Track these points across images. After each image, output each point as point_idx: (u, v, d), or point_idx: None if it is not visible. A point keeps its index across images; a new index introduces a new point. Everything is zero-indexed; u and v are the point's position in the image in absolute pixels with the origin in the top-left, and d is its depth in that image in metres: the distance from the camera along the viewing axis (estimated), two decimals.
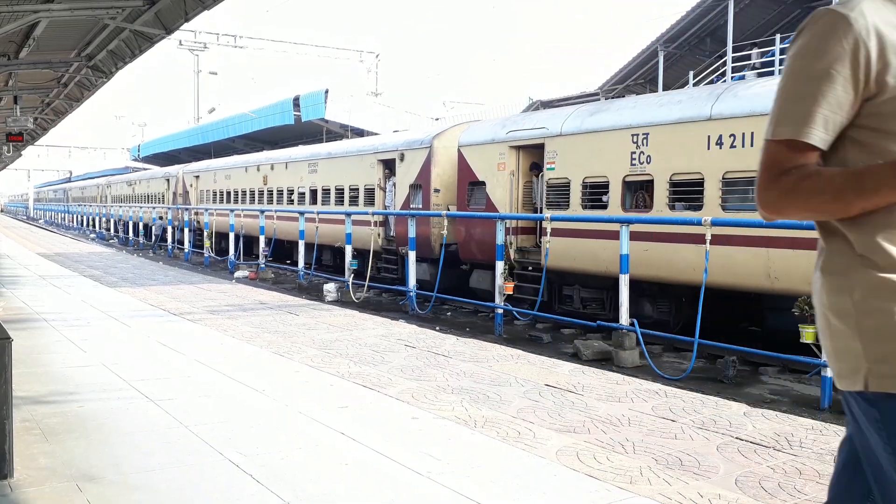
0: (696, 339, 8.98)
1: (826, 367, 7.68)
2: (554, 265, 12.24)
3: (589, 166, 12.10)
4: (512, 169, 13.82)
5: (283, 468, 4.37)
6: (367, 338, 8.89)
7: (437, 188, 16.01)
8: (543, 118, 13.64)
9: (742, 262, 9.80)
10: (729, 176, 10.01)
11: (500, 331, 12.01)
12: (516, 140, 13.77)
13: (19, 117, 18.76)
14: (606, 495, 4.03)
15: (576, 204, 12.25)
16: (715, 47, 24.68)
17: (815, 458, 4.68)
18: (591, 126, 12.16)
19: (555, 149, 12.70)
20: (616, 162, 11.53)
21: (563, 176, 12.52)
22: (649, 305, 11.51)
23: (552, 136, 12.82)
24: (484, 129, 14.94)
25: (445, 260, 14.58)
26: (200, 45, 45.55)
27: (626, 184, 11.45)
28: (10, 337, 4.21)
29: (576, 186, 12.27)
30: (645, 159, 11.12)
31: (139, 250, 31.43)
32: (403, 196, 16.97)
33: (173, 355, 7.74)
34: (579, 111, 12.88)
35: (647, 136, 11.08)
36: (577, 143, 12.34)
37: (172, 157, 51.67)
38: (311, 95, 34.19)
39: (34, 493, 3.94)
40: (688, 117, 10.62)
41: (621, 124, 11.57)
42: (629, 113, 11.62)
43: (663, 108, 11.09)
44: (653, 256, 10.81)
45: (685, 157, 10.57)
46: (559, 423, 5.38)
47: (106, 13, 11.89)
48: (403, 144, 17.28)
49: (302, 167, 22.41)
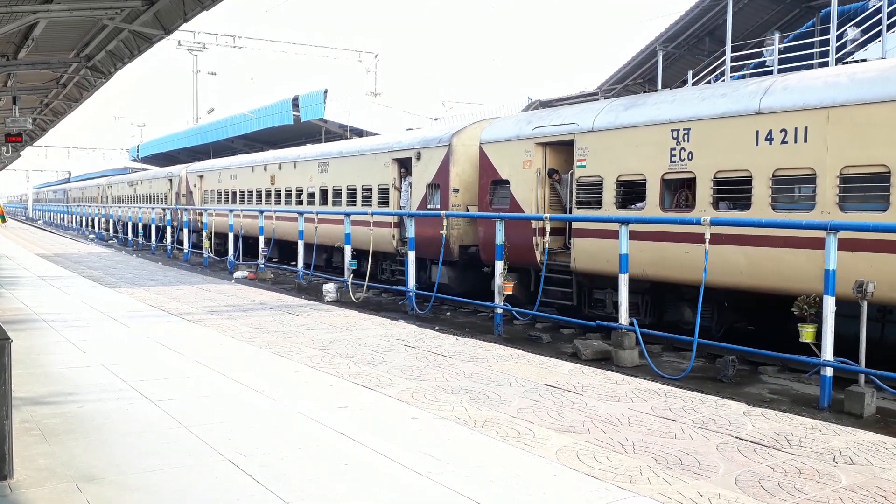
0: (695, 338, 8.98)
1: (825, 366, 7.68)
2: (584, 268, 11.71)
3: (624, 163, 11.39)
4: (538, 167, 13.15)
5: (283, 468, 4.36)
6: (367, 338, 8.89)
7: (455, 188, 15.37)
8: (573, 113, 12.89)
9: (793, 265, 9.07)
10: (780, 174, 9.37)
11: (500, 331, 12.00)
12: (543, 136, 13.03)
13: (18, 118, 18.75)
14: (606, 495, 4.03)
15: (609, 203, 11.54)
16: (714, 47, 24.67)
17: (815, 457, 4.68)
18: (626, 121, 11.47)
19: (586, 145, 12.02)
20: (654, 159, 10.87)
21: (595, 174, 11.83)
22: (689, 310, 10.84)
23: (583, 131, 12.12)
24: (508, 126, 14.26)
25: (465, 263, 14.05)
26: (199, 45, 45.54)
27: (665, 182, 10.79)
28: (10, 338, 4.20)
29: (609, 185, 11.58)
30: (686, 156, 10.49)
31: (138, 251, 31.42)
32: (420, 196, 16.28)
33: (173, 356, 7.74)
34: (612, 105, 12.20)
35: (689, 132, 10.47)
36: (611, 139, 11.65)
37: (171, 157, 51.68)
38: (310, 96, 34.19)
39: (34, 493, 3.94)
40: (734, 111, 10.00)
41: (660, 119, 10.91)
42: (668, 107, 10.97)
43: (706, 102, 10.49)
44: (695, 259, 10.07)
45: (731, 154, 9.95)
46: (559, 422, 5.38)
47: (105, 14, 11.88)
48: (420, 143, 16.59)
49: (311, 167, 21.67)
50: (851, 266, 8.30)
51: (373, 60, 46.12)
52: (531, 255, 12.82)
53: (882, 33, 18.71)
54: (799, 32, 23.93)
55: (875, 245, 8.46)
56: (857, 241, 8.48)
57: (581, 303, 12.43)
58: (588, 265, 11.82)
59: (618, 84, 26.91)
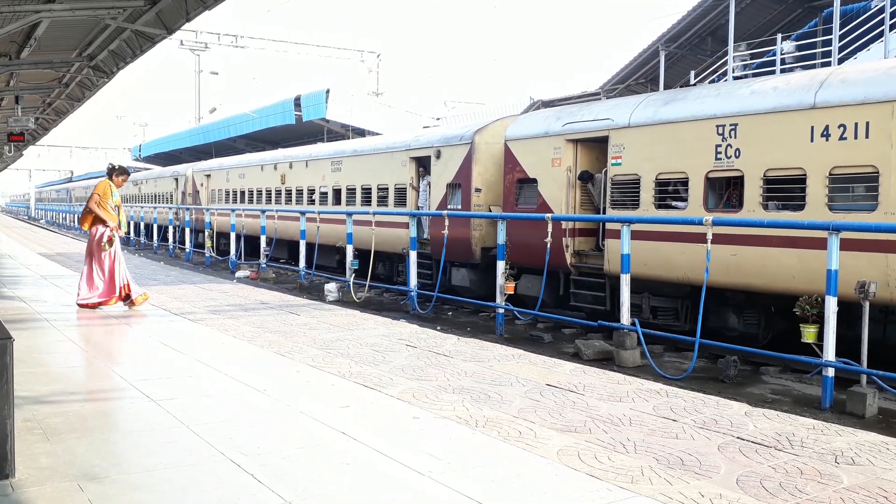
0: (697, 338, 8.97)
1: (827, 366, 7.68)
2: (616, 271, 11.08)
3: (664, 161, 10.91)
4: (569, 165, 12.63)
5: (285, 468, 4.37)
6: (369, 337, 8.90)
7: (478, 187, 14.86)
8: (606, 108, 12.41)
9: (851, 270, 8.47)
10: (837, 172, 8.91)
11: (502, 330, 12.00)
12: (574, 133, 12.51)
13: (21, 117, 18.80)
14: (608, 495, 4.03)
15: (647, 203, 11.08)
16: (716, 47, 24.67)
17: (817, 457, 4.68)
18: (666, 116, 10.99)
19: (621, 142, 11.54)
20: (697, 156, 10.43)
21: (632, 172, 11.36)
22: (734, 317, 10.47)
23: (619, 127, 11.63)
24: (535, 122, 13.75)
25: (487, 265, 13.78)
26: (201, 45, 45.57)
27: (709, 180, 10.34)
28: (12, 336, 4.21)
29: (647, 183, 11.11)
30: (733, 153, 9.98)
31: (140, 250, 31.45)
32: (440, 196, 15.78)
33: (174, 355, 7.74)
34: (650, 100, 11.71)
35: (736, 128, 9.97)
36: (650, 136, 11.15)
37: (174, 156, 51.73)
38: (312, 95, 34.21)
39: (35, 492, 3.95)
40: (786, 106, 9.51)
41: (704, 114, 10.43)
42: (713, 101, 10.49)
43: (755, 97, 10.00)
44: (742, 262, 9.74)
45: (783, 151, 9.48)
46: (560, 422, 5.38)
47: (107, 13, 11.90)
48: (440, 140, 16.07)
49: (324, 165, 21.11)
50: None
51: (375, 60, 46.14)
52: (560, 257, 12.38)
53: (885, 33, 18.69)
54: (801, 32, 23.92)
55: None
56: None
57: (615, 307, 11.78)
58: None
59: (620, 84, 26.90)
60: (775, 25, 23.89)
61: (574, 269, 12.47)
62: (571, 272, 12.49)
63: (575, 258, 12.57)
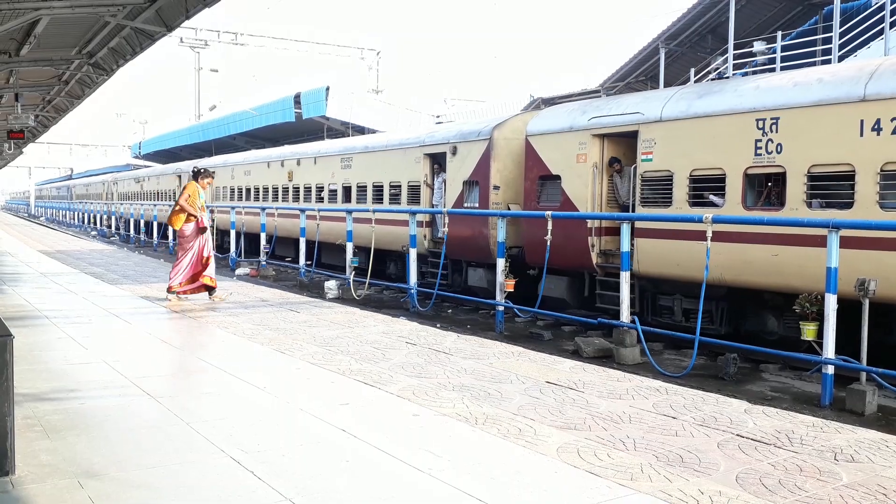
0: (696, 336, 8.97)
1: (827, 364, 7.68)
2: (650, 271, 10.82)
3: (698, 157, 10.49)
4: (595, 160, 12.13)
5: (284, 465, 4.37)
6: (369, 335, 8.90)
7: (496, 185, 14.41)
8: (636, 101, 11.94)
9: None
10: (890, 168, 8.49)
11: (501, 328, 12.00)
12: (601, 127, 12.04)
13: (20, 115, 18.78)
14: (607, 492, 4.03)
15: (680, 200, 10.66)
16: (716, 45, 24.66)
17: (816, 455, 4.68)
18: (701, 110, 10.57)
19: (653, 137, 11.09)
20: (735, 152, 9.98)
21: (664, 168, 10.91)
22: (773, 319, 10.04)
23: (649, 121, 11.17)
24: (559, 116, 13.23)
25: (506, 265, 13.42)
26: (201, 42, 45.53)
27: (748, 177, 9.92)
28: (12, 334, 4.21)
29: (680, 180, 10.68)
30: (774, 148, 9.55)
31: (140, 247, 31.45)
32: (455, 194, 15.31)
33: (174, 352, 7.75)
34: (683, 93, 11.27)
35: (777, 122, 9.55)
36: (683, 130, 10.71)
37: (173, 154, 51.77)
38: (312, 93, 34.21)
39: (35, 489, 3.95)
40: (833, 98, 9.10)
41: (742, 107, 9.99)
42: (752, 94, 10.04)
43: (798, 89, 9.59)
44: (783, 263, 9.32)
45: (829, 146, 9.05)
46: (560, 420, 5.38)
47: (107, 10, 11.89)
48: (456, 136, 15.58)
49: (333, 162, 20.58)
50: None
51: (375, 58, 46.12)
52: (585, 256, 11.97)
53: (885, 30, 18.69)
54: (801, 30, 23.91)
55: None
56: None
57: (644, 309, 11.47)
58: (654, 269, 10.91)
59: (620, 81, 26.90)
60: (775, 23, 23.87)
61: (600, 270, 12.00)
62: (597, 272, 12.05)
63: (601, 258, 12.07)
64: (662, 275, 10.81)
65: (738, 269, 8.97)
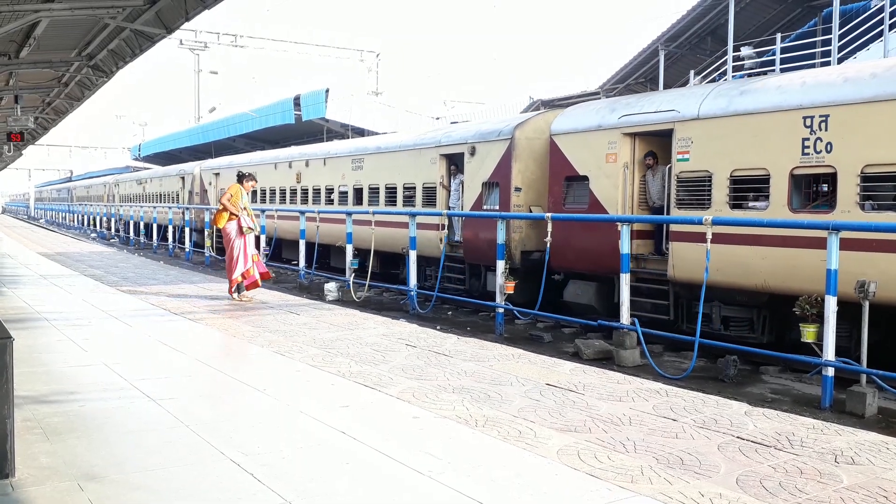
0: (696, 338, 8.97)
1: (827, 366, 7.68)
2: (686, 277, 10.27)
3: (740, 156, 10.00)
4: (626, 160, 11.67)
5: (284, 467, 4.37)
6: (368, 337, 8.89)
7: (518, 186, 13.90)
8: (670, 98, 11.44)
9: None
10: None
11: (501, 330, 12.00)
12: (632, 126, 11.56)
13: (20, 116, 18.79)
14: (607, 494, 4.03)
15: (720, 202, 10.16)
16: (716, 46, 24.68)
17: (817, 457, 4.68)
18: (742, 107, 10.08)
19: (689, 135, 10.62)
20: (780, 151, 9.51)
21: (702, 168, 10.43)
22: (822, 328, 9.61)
23: (685, 119, 10.71)
24: (586, 115, 12.70)
25: (527, 270, 13.03)
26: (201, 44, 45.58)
27: (794, 177, 9.42)
28: (12, 336, 4.21)
29: (720, 181, 10.19)
30: (823, 147, 9.09)
31: (140, 250, 31.43)
32: (474, 196, 14.79)
33: (174, 355, 7.74)
34: (722, 89, 10.79)
35: (827, 119, 9.06)
36: (723, 128, 10.24)
37: (173, 156, 51.74)
38: (311, 95, 34.22)
39: (35, 492, 3.95)
40: (890, 94, 8.60)
41: (788, 104, 9.53)
42: (798, 90, 9.56)
43: (850, 85, 9.10)
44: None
45: (886, 145, 8.59)
46: (560, 422, 5.38)
47: (106, 13, 11.91)
48: (475, 136, 15.04)
49: (344, 163, 20.11)
50: None
51: (374, 60, 46.19)
52: (617, 260, 11.24)
53: (884, 32, 18.71)
54: (801, 32, 23.94)
55: None
56: None
57: (679, 317, 10.98)
58: (691, 274, 10.31)
59: (619, 83, 26.92)
60: (775, 25, 23.89)
61: (631, 275, 11.33)
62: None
63: (632, 262, 11.42)
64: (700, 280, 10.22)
65: (784, 276, 8.45)
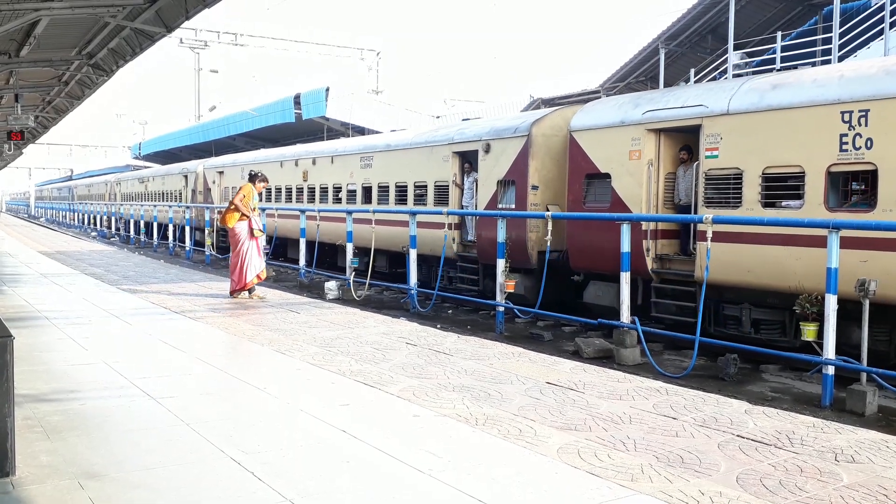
0: (696, 336, 8.97)
1: (827, 364, 7.68)
2: (716, 278, 9.87)
3: (773, 153, 9.65)
4: (650, 157, 11.28)
5: (285, 465, 4.37)
6: (369, 336, 8.90)
7: (535, 184, 13.55)
8: (697, 93, 11.09)
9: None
10: None
11: (501, 329, 12.00)
12: (657, 121, 11.20)
13: (20, 115, 18.79)
14: (608, 493, 4.03)
15: (751, 201, 9.84)
16: (716, 45, 24.68)
17: (817, 455, 4.68)
18: (776, 102, 9.71)
19: (718, 131, 10.29)
20: (816, 147, 9.16)
21: (732, 166, 10.11)
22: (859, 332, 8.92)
23: (714, 115, 10.38)
24: (607, 110, 12.35)
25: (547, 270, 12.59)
26: (201, 43, 45.59)
27: (832, 175, 9.09)
28: (12, 335, 4.21)
29: (751, 179, 9.85)
30: (863, 143, 8.74)
31: (140, 248, 31.44)
32: (489, 194, 14.46)
33: (174, 353, 7.74)
34: (753, 84, 10.40)
35: (867, 114, 8.70)
36: (754, 124, 9.88)
37: (173, 155, 51.78)
38: (312, 93, 34.23)
39: (36, 490, 3.95)
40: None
41: (825, 99, 9.15)
42: (836, 84, 9.19)
43: (892, 77, 8.70)
44: (873, 269, 8.41)
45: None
46: (560, 420, 5.38)
47: (106, 11, 11.91)
48: (490, 133, 14.71)
49: (352, 161, 19.75)
50: None
51: (374, 58, 46.20)
52: (640, 261, 11.12)
53: (885, 31, 18.71)
54: (801, 30, 23.93)
55: None
56: None
57: (706, 319, 10.55)
58: (720, 275, 9.96)
59: (620, 82, 26.91)
60: (775, 23, 23.89)
61: (655, 276, 11.24)
62: (652, 279, 11.27)
63: (657, 263, 11.26)
64: (731, 282, 9.99)
65: (820, 277, 8.08)
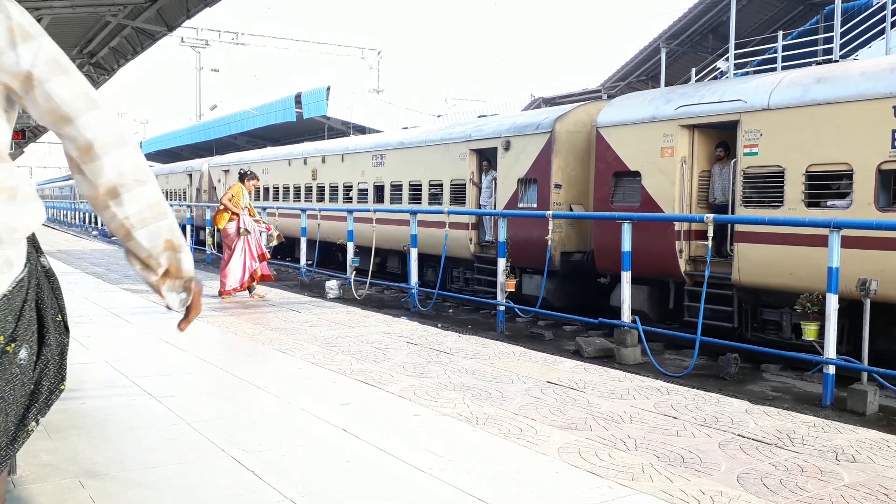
0: (697, 336, 8.97)
1: (828, 364, 7.68)
2: (754, 281, 9.72)
3: (817, 150, 9.32)
4: (683, 155, 10.94)
5: (285, 464, 4.37)
6: (369, 335, 8.90)
7: (558, 183, 13.21)
8: (734, 88, 10.70)
9: None
10: None
11: (502, 328, 12.01)
12: (691, 117, 10.85)
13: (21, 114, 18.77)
14: (608, 492, 4.03)
15: (794, 200, 9.51)
16: (717, 44, 24.66)
17: (817, 455, 4.68)
18: (821, 96, 9.33)
19: (758, 127, 9.94)
20: (865, 144, 8.83)
21: (773, 163, 9.77)
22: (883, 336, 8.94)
23: (753, 110, 10.00)
24: (638, 105, 11.91)
25: (566, 272, 12.68)
26: (202, 42, 45.63)
27: (882, 173, 8.75)
28: None
29: (794, 177, 9.50)
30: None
31: None
32: (508, 193, 14.15)
33: (175, 352, 7.75)
34: (795, 77, 10.05)
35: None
36: (797, 119, 9.53)
37: (175, 153, 51.83)
38: (312, 92, 34.25)
39: (36, 489, 3.95)
40: None
41: (875, 92, 8.73)
42: (888, 77, 8.76)
43: None
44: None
45: None
46: (561, 420, 5.38)
47: (108, 10, 11.92)
48: (510, 130, 14.38)
49: (364, 159, 19.48)
50: None
51: (375, 58, 46.22)
52: (672, 263, 10.91)
53: (886, 30, 18.69)
54: (802, 30, 23.92)
55: None
56: None
57: (744, 324, 10.44)
58: (759, 278, 9.81)
59: (621, 81, 26.92)
60: (776, 23, 23.88)
61: (688, 279, 10.93)
62: (686, 281, 10.98)
63: (690, 265, 10.93)
64: (771, 286, 9.71)
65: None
